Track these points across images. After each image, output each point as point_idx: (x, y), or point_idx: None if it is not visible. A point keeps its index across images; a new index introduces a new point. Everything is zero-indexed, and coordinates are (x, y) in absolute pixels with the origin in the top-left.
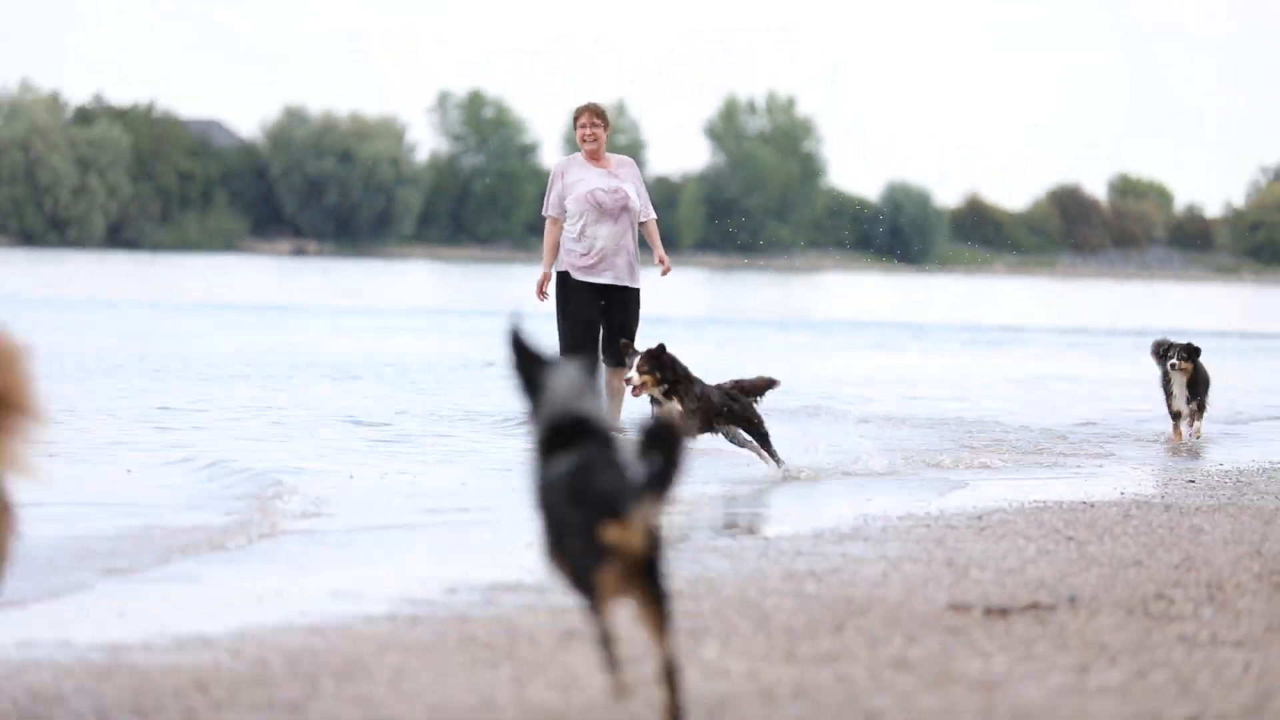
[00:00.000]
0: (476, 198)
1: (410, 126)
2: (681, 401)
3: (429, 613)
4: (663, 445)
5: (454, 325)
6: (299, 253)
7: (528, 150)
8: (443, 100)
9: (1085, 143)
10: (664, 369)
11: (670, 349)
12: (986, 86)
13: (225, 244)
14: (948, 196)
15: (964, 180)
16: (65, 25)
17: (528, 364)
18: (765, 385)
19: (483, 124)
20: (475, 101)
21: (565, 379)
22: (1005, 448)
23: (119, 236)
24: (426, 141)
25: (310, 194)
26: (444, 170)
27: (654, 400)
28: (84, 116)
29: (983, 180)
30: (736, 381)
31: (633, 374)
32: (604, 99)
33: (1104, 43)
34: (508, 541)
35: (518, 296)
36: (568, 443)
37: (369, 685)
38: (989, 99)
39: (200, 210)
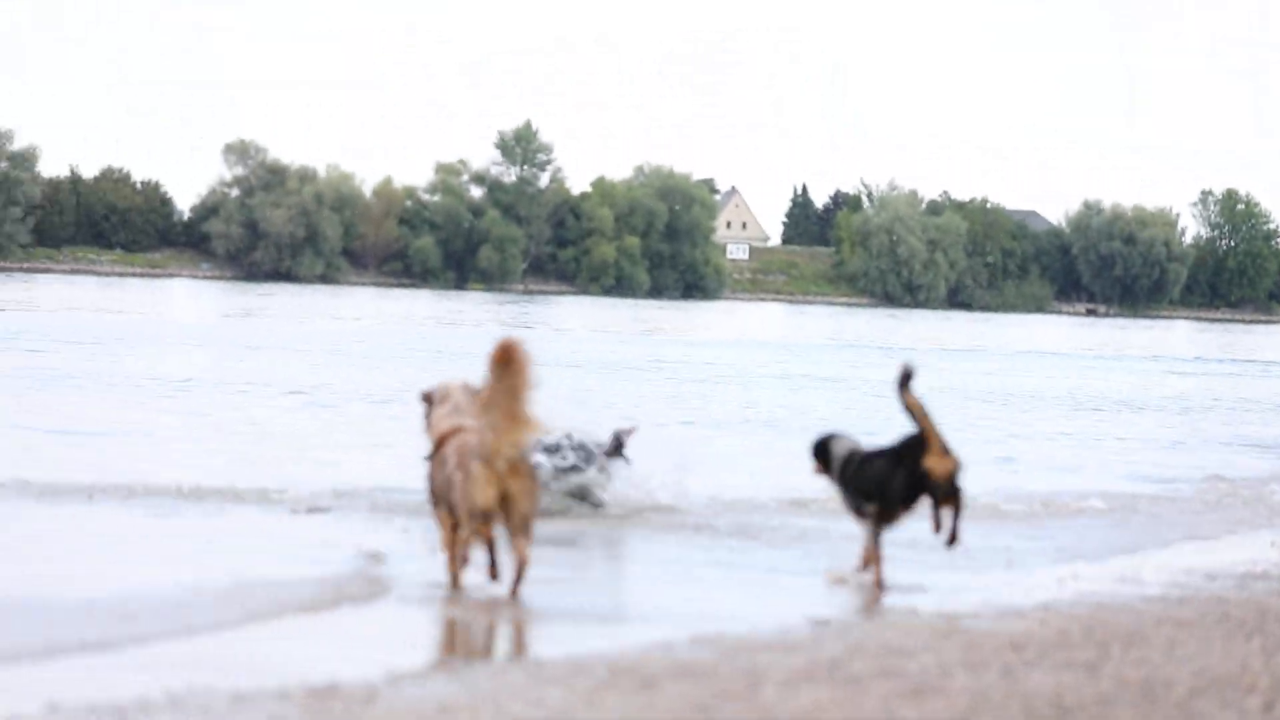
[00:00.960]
0: (1229, 271)
1: (1180, 217)
2: None
3: (1193, 594)
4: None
5: (1214, 369)
6: (1091, 313)
7: (1271, 235)
8: (1204, 198)
9: None
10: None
11: None
12: None
13: (1035, 306)
14: None
15: None
16: (961, 143)
17: (823, 443)
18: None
19: (1235, 215)
20: (1230, 197)
21: (840, 443)
22: None
23: (955, 298)
24: (1191, 228)
25: (1101, 268)
26: (1204, 250)
27: None
28: (934, 208)
29: None
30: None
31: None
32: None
33: None
34: (1256, 541)
35: (1259, 347)
36: (850, 465)
37: (1147, 651)
38: None
39: (1017, 279)
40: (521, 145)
